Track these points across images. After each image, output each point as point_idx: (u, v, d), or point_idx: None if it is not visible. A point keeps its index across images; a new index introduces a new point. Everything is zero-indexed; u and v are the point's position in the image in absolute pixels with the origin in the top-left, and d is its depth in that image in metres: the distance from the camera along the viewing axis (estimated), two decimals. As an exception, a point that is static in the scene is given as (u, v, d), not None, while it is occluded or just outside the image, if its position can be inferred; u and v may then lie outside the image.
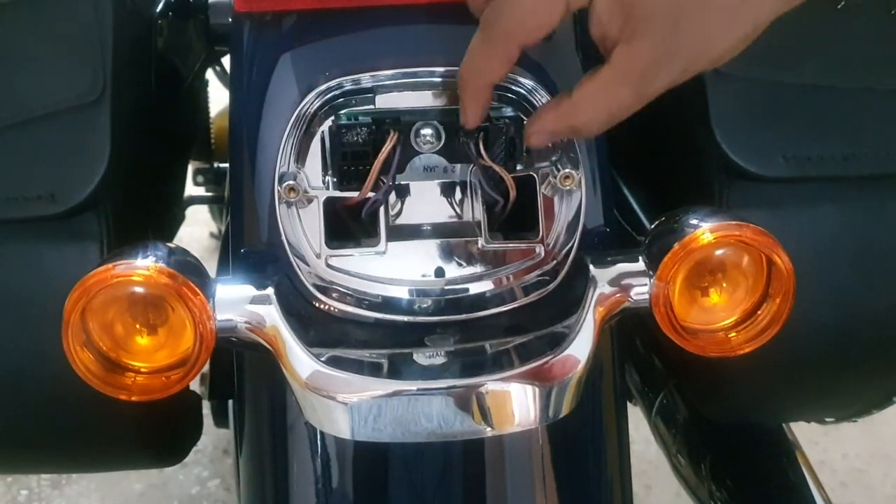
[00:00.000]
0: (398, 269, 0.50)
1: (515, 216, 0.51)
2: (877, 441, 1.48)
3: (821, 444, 1.45)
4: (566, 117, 0.45)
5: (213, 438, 1.44)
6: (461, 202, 0.52)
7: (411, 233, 0.51)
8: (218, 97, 1.09)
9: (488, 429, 0.44)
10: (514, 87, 0.50)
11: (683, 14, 0.39)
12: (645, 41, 0.40)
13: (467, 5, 0.46)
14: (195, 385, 0.71)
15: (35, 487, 1.41)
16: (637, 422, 0.67)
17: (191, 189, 1.21)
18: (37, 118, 0.52)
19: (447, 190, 0.52)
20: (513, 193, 0.50)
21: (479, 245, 0.50)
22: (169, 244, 0.46)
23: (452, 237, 0.50)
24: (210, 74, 1.03)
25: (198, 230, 1.79)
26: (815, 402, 0.64)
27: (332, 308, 0.50)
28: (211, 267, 0.52)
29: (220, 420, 0.84)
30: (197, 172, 1.29)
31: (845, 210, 0.54)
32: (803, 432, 0.73)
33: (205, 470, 1.44)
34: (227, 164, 0.99)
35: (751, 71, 0.54)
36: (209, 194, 1.35)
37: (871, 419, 0.69)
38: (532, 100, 0.50)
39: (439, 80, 0.50)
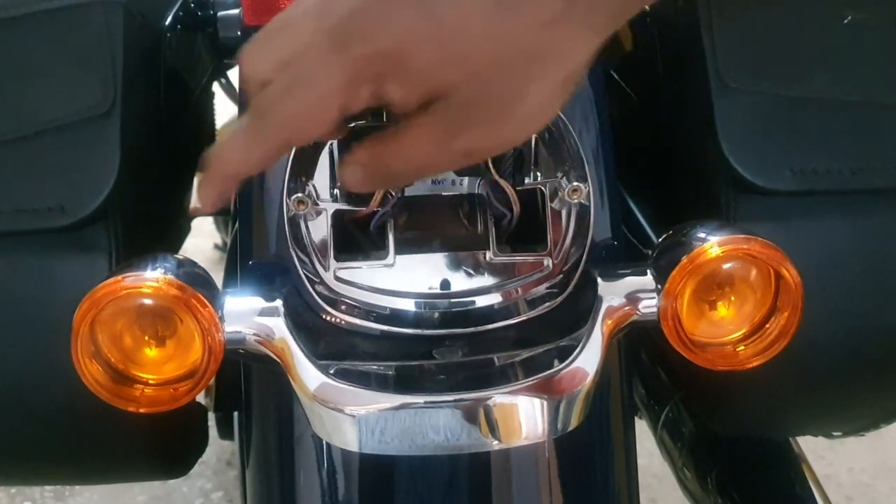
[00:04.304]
0: (406, 281, 0.50)
1: (524, 229, 0.51)
2: (883, 455, 1.47)
3: (827, 457, 1.44)
4: (385, 158, 0.40)
5: (217, 450, 1.44)
6: (469, 215, 0.52)
7: (419, 245, 0.51)
8: (224, 109, 1.10)
9: (495, 442, 0.44)
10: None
11: (481, 83, 0.36)
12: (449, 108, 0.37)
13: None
14: (200, 397, 0.71)
15: (38, 499, 1.40)
16: (642, 435, 0.67)
17: (196, 200, 1.21)
18: (47, 130, 0.52)
19: (455, 203, 0.52)
20: (516, 209, 0.50)
21: (488, 258, 0.50)
22: (177, 256, 0.46)
23: (460, 250, 0.50)
24: (216, 86, 1.04)
25: (202, 241, 1.80)
26: (823, 417, 0.64)
27: (340, 320, 0.50)
28: (217, 278, 0.52)
29: (224, 432, 0.83)
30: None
31: (853, 224, 0.54)
32: (809, 446, 0.73)
33: (208, 482, 1.43)
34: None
35: (758, 84, 0.54)
36: (215, 206, 1.35)
37: (877, 433, 0.68)
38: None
39: None
